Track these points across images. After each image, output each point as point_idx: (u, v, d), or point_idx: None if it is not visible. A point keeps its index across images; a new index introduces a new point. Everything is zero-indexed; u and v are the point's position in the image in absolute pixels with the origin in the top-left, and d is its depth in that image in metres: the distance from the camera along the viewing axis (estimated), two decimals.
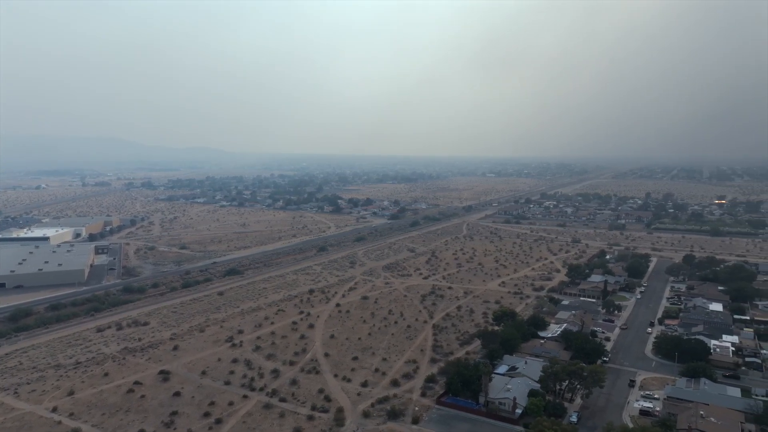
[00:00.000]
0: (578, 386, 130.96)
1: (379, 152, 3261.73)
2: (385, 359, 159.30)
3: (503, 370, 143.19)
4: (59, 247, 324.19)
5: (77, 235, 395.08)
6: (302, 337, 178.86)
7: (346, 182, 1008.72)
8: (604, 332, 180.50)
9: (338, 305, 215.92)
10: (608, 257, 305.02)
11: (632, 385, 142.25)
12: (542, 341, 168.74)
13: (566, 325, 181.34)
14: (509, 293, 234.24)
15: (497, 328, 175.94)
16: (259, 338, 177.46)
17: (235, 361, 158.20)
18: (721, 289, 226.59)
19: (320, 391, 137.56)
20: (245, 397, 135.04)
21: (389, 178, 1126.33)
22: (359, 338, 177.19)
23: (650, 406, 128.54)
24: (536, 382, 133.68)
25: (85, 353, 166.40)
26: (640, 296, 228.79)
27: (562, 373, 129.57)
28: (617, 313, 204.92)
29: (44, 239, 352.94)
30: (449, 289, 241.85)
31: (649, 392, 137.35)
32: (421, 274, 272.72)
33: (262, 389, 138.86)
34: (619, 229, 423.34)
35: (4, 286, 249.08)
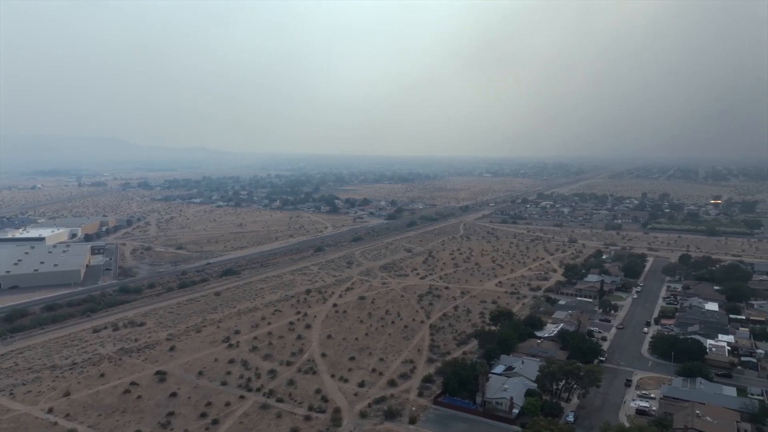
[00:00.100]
0: (575, 386, 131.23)
1: (376, 152, 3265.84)
2: (382, 359, 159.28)
3: (500, 370, 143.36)
4: (55, 247, 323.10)
5: (73, 235, 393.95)
6: (299, 337, 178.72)
7: (343, 182, 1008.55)
8: (600, 332, 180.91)
9: (335, 305, 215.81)
10: (605, 257, 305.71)
11: (629, 384, 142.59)
12: (539, 341, 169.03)
13: (563, 324, 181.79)
14: (506, 293, 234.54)
15: (494, 328, 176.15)
16: (256, 338, 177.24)
17: (231, 361, 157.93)
18: (716, 288, 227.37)
19: (317, 391, 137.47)
20: (242, 397, 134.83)
21: (386, 178, 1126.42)
22: (356, 338, 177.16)
23: (646, 405, 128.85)
24: (533, 381, 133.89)
25: (81, 354, 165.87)
26: (636, 296, 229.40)
27: (558, 372, 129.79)
28: (614, 312, 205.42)
29: (40, 240, 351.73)
30: (446, 289, 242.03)
31: (645, 392, 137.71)
32: (418, 274, 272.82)
33: (259, 390, 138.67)
34: (615, 229, 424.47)
35: None
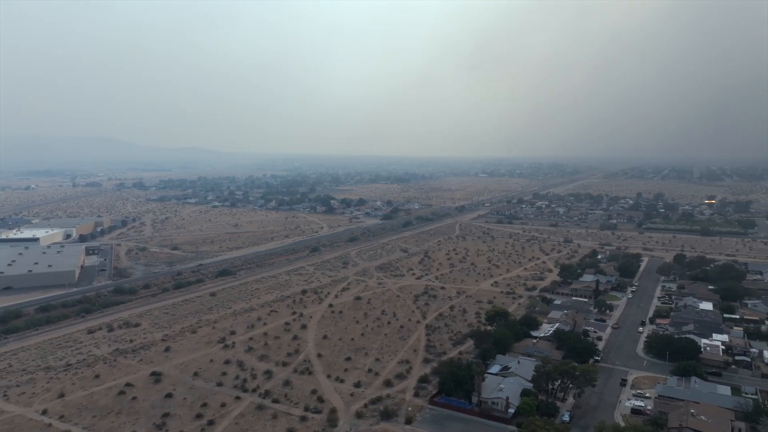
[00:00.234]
0: (570, 385, 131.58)
1: (372, 152, 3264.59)
2: (378, 359, 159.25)
3: (496, 369, 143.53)
4: (49, 248, 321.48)
5: (68, 235, 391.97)
6: (295, 337, 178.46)
7: (338, 182, 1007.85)
8: (596, 332, 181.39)
9: (331, 306, 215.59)
10: (600, 257, 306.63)
11: (624, 384, 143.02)
12: (535, 341, 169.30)
13: (558, 324, 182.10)
14: (502, 293, 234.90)
15: (490, 328, 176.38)
16: (251, 339, 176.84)
17: (227, 362, 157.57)
18: (711, 288, 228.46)
19: (313, 391, 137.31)
20: (238, 398, 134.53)
21: (382, 178, 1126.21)
22: (352, 339, 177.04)
23: (642, 404, 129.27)
24: (529, 381, 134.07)
25: (75, 355, 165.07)
26: (631, 296, 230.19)
27: (554, 372, 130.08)
28: (609, 312, 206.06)
29: (34, 240, 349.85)
30: (442, 289, 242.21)
31: (640, 391, 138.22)
32: (414, 274, 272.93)
33: (254, 390, 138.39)
34: (610, 228, 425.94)
35: None
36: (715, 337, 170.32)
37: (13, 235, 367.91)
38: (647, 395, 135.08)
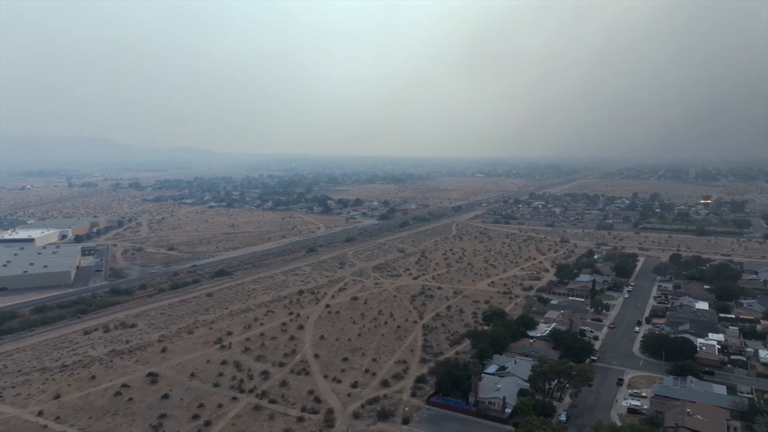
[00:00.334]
0: (567, 385, 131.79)
1: (368, 153, 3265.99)
2: (375, 360, 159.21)
3: (493, 369, 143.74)
4: (45, 248, 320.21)
5: (63, 236, 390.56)
6: (292, 338, 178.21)
7: (335, 183, 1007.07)
8: (592, 331, 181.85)
9: (328, 306, 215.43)
10: (596, 257, 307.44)
11: (620, 383, 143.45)
12: (531, 341, 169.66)
13: (555, 324, 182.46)
14: (498, 293, 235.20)
15: (487, 327, 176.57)
16: (248, 340, 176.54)
17: (224, 362, 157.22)
18: (706, 287, 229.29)
19: (310, 392, 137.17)
20: (234, 399, 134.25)
21: (379, 178, 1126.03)
22: (349, 339, 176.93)
23: (638, 404, 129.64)
24: (525, 381, 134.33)
25: (71, 356, 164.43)
26: (627, 295, 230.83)
27: (551, 372, 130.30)
28: (605, 312, 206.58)
29: (29, 241, 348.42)
30: (439, 289, 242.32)
31: (636, 390, 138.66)
32: (410, 274, 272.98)
33: (251, 391, 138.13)
34: (606, 228, 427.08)
35: None
36: (710, 336, 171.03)
37: (8, 235, 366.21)
38: (643, 395, 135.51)
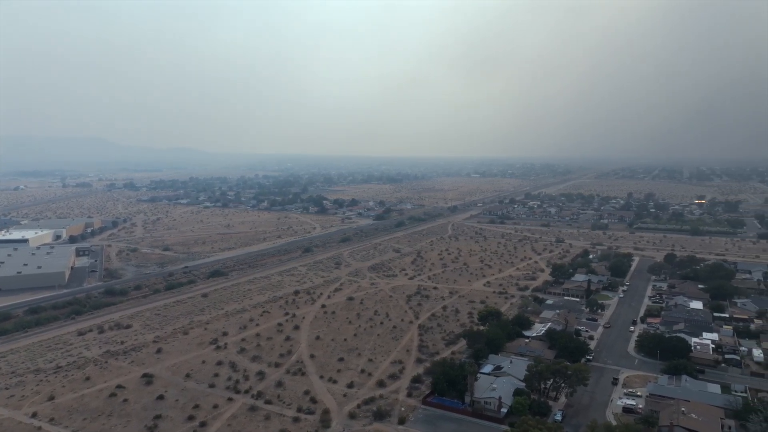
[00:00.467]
0: (563, 385, 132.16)
1: (364, 153, 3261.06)
2: (371, 360, 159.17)
3: (488, 369, 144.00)
4: (39, 249, 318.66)
5: (57, 237, 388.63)
6: (288, 338, 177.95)
7: (331, 183, 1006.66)
8: (587, 331, 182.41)
9: (324, 306, 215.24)
10: (591, 257, 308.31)
11: (615, 383, 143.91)
12: (527, 340, 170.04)
13: (550, 324, 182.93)
14: (494, 293, 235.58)
15: (482, 327, 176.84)
16: (243, 340, 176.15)
17: (219, 363, 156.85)
18: (701, 287, 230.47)
19: (306, 392, 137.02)
20: (230, 399, 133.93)
21: (374, 178, 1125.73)
22: (345, 339, 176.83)
23: (633, 403, 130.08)
24: (521, 381, 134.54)
25: (65, 357, 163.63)
26: (622, 295, 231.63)
27: (546, 372, 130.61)
28: (600, 312, 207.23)
29: (23, 241, 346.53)
30: (435, 289, 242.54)
31: (632, 390, 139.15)
32: (406, 274, 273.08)
33: (247, 391, 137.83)
34: (601, 228, 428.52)
35: None
36: (705, 335, 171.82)
37: (1, 236, 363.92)
38: (638, 394, 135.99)
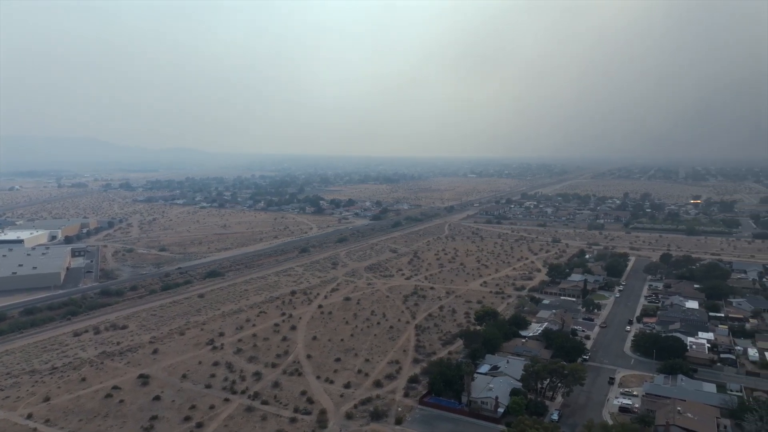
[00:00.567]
0: (559, 384, 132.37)
1: (361, 153, 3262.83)
2: (367, 360, 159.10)
3: (485, 369, 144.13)
4: (34, 249, 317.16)
5: (53, 237, 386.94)
6: (284, 339, 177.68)
7: (327, 183, 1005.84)
8: (584, 331, 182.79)
9: (320, 306, 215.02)
10: (588, 257, 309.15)
11: (612, 382, 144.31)
12: (523, 340, 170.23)
13: (547, 324, 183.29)
14: (491, 293, 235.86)
15: (479, 327, 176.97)
16: (240, 341, 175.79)
17: (216, 364, 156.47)
18: (696, 287, 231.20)
19: (303, 393, 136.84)
20: (227, 400, 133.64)
21: (371, 178, 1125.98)
22: (342, 339, 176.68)
23: (629, 403, 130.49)
24: (518, 381, 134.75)
25: (61, 358, 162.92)
26: (618, 295, 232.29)
27: (543, 371, 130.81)
28: (597, 311, 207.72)
29: (18, 242, 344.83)
30: (431, 289, 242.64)
31: (628, 389, 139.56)
32: (403, 274, 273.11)
33: (243, 392, 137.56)
34: (598, 228, 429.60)
35: None
36: (700, 335, 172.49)
37: None
38: (635, 393, 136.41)
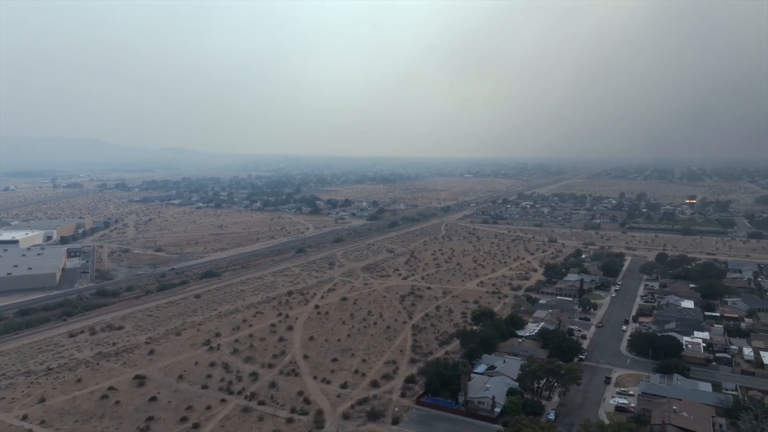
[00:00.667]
0: (555, 384, 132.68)
1: (357, 153, 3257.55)
2: (364, 360, 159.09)
3: (482, 369, 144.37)
4: (29, 250, 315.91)
5: (48, 238, 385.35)
6: (281, 339, 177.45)
7: (324, 183, 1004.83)
8: (580, 330, 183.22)
9: (317, 307, 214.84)
10: (584, 256, 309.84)
11: (608, 382, 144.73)
12: (520, 340, 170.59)
13: (543, 323, 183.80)
14: (487, 293, 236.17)
15: (476, 327, 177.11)
16: (237, 341, 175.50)
17: (212, 364, 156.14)
18: (692, 286, 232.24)
19: (299, 393, 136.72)
20: (223, 400, 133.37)
21: (368, 178, 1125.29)
22: (338, 340, 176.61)
23: (625, 402, 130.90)
24: (514, 380, 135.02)
25: (56, 359, 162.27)
26: (615, 294, 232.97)
27: (539, 371, 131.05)
28: (593, 311, 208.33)
29: (13, 242, 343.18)
30: (428, 289, 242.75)
31: (624, 389, 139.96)
32: (400, 274, 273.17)
33: (240, 393, 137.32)
34: (594, 228, 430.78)
35: None
36: (696, 334, 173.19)
37: None
38: (631, 393, 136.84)
